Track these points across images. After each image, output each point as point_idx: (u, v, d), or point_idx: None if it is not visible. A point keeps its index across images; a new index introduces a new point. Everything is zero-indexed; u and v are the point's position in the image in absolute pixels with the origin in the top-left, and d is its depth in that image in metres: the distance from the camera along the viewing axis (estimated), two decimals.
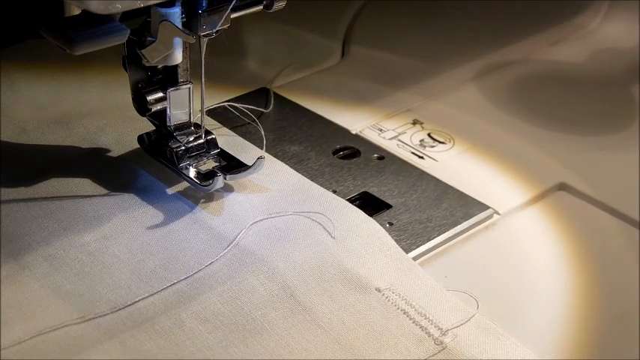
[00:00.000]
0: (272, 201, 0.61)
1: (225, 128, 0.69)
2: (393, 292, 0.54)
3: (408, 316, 0.52)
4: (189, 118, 0.61)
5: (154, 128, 0.62)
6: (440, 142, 0.73)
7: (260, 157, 0.60)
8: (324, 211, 0.59)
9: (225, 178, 0.59)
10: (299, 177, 0.64)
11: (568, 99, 0.82)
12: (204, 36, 0.56)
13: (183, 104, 0.60)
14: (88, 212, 0.58)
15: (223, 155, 0.62)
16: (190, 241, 0.57)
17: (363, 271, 0.55)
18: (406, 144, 0.72)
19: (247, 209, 0.60)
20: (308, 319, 0.51)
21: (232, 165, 0.62)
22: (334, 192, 0.64)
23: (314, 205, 0.60)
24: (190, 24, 0.56)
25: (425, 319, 0.52)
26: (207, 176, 0.60)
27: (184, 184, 0.61)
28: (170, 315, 0.51)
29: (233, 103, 0.68)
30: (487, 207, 0.65)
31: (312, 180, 0.64)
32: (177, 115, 0.61)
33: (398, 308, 0.53)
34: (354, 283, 0.54)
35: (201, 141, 0.61)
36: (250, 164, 0.61)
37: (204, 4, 0.55)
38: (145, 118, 0.61)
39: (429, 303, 0.54)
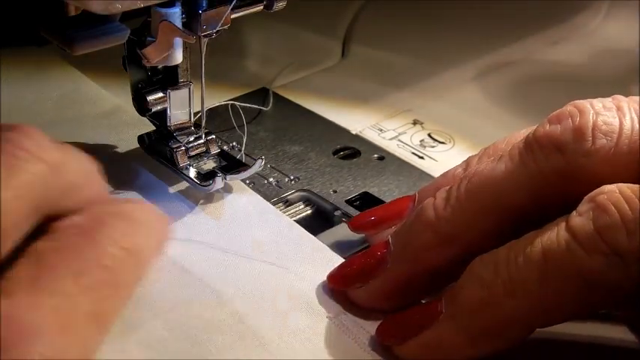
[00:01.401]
0: (225, 225, 0.59)
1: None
2: (345, 319, 0.52)
3: (357, 343, 0.51)
4: (190, 118, 0.61)
5: (154, 128, 0.62)
6: (440, 142, 0.73)
7: (259, 158, 0.61)
8: (278, 237, 0.57)
9: (225, 178, 0.60)
10: (257, 198, 0.62)
11: (568, 99, 0.82)
12: (204, 36, 0.56)
13: (183, 104, 0.60)
14: None
15: (223, 155, 0.63)
16: None
17: (315, 298, 0.54)
18: (406, 144, 0.72)
19: (199, 233, 0.58)
20: (256, 344, 0.49)
21: (232, 165, 0.62)
22: (334, 192, 0.64)
23: (268, 232, 0.58)
24: (190, 24, 0.55)
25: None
26: (207, 176, 0.60)
27: (184, 184, 0.61)
28: (113, 344, 0.47)
29: (233, 104, 0.68)
30: None
31: (312, 180, 0.65)
32: (177, 115, 0.61)
33: (349, 336, 0.51)
34: (306, 310, 0.53)
35: (202, 141, 0.61)
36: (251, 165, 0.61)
37: (204, 4, 0.55)
38: (143, 120, 0.61)
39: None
